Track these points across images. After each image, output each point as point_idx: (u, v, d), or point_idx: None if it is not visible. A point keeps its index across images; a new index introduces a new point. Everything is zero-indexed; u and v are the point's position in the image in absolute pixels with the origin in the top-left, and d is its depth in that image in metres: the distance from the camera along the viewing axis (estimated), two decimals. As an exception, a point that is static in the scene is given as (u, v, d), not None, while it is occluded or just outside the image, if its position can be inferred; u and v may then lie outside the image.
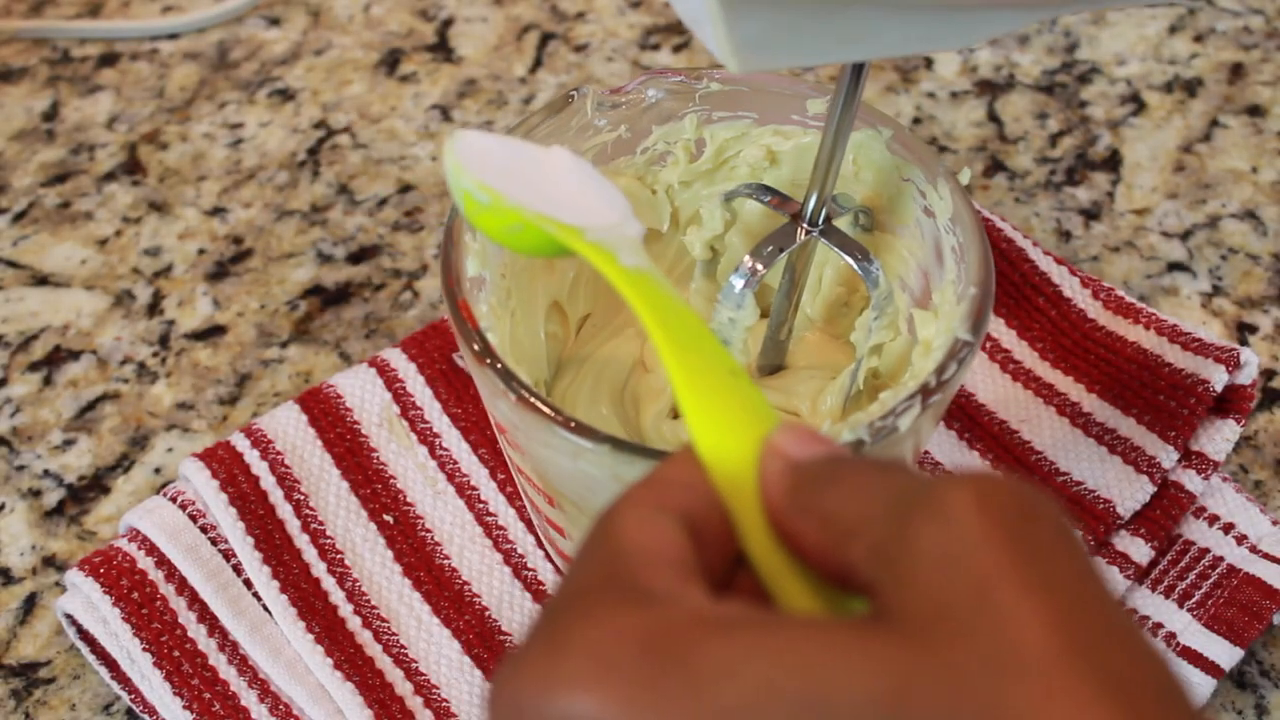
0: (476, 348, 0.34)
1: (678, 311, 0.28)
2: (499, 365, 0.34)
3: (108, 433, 0.49)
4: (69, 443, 0.49)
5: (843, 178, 0.42)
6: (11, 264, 0.56)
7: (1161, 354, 0.46)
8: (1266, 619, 0.42)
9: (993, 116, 0.61)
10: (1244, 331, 0.52)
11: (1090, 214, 0.57)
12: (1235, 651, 0.42)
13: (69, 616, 0.42)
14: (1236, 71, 0.63)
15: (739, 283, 0.39)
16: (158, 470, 0.48)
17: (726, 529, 0.25)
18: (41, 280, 0.55)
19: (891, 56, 0.28)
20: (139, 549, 0.42)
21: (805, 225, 0.39)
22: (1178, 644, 0.42)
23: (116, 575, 0.41)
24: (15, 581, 0.45)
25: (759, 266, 0.38)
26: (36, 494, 0.48)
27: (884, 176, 0.41)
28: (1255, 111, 0.61)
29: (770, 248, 0.39)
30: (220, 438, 0.49)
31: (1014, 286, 0.49)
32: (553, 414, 0.33)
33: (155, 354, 0.52)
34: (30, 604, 0.45)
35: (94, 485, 0.48)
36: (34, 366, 0.52)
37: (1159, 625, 0.43)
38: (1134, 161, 0.59)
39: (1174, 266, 0.54)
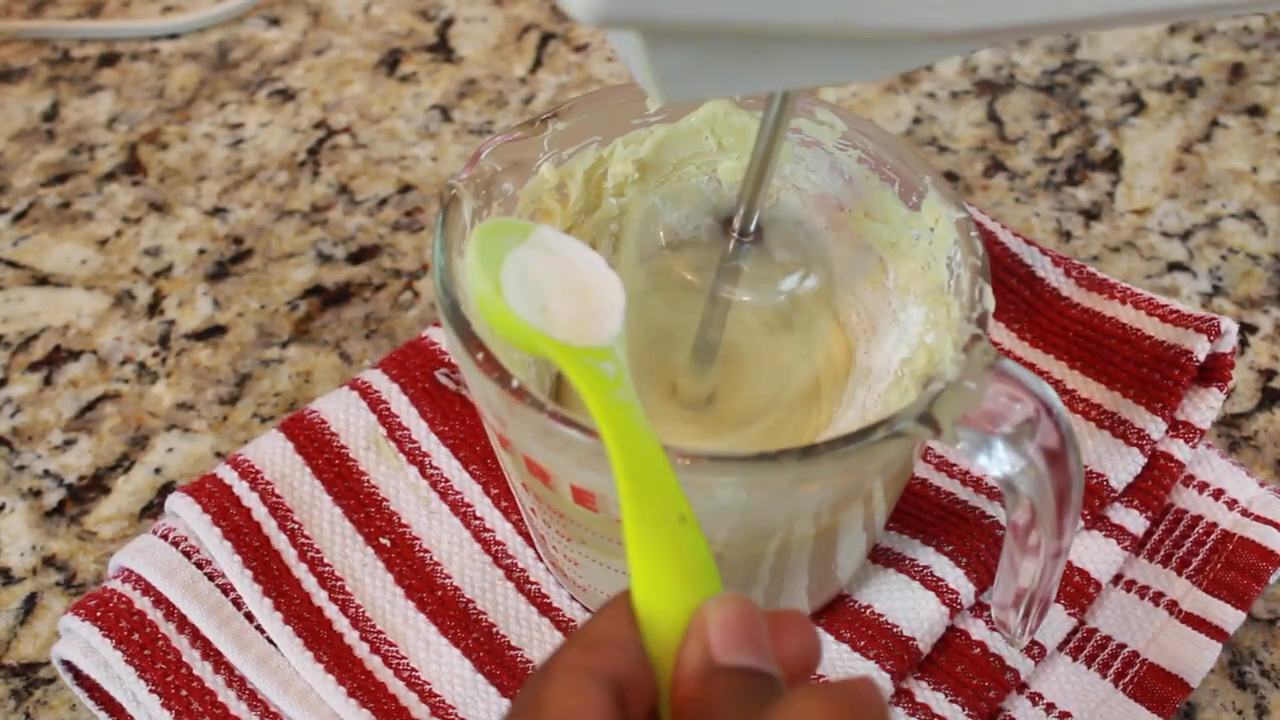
0: (526, 403, 0.33)
1: (646, 449, 0.29)
2: (552, 411, 0.33)
3: (108, 433, 0.49)
4: (69, 443, 0.49)
5: (706, 154, 0.43)
6: (11, 264, 0.56)
7: (1141, 327, 0.46)
8: (1265, 579, 0.43)
9: (993, 116, 0.61)
10: (1244, 331, 0.52)
11: (1090, 214, 0.57)
12: (1238, 614, 0.42)
13: (66, 663, 0.41)
14: (1236, 71, 0.63)
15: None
16: (158, 470, 0.48)
17: (653, 685, 0.27)
18: (41, 280, 0.55)
19: (811, 86, 0.30)
20: (135, 589, 0.41)
21: (737, 236, 0.39)
22: (1180, 611, 0.43)
23: (115, 618, 0.40)
24: (15, 581, 0.45)
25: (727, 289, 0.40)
26: (36, 494, 0.48)
27: (747, 135, 0.42)
28: (1255, 111, 0.61)
29: (725, 266, 0.39)
30: (220, 438, 0.49)
31: None
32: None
33: (155, 354, 0.52)
34: (30, 604, 0.45)
35: (94, 485, 0.48)
36: (34, 366, 0.52)
37: (1160, 594, 0.43)
38: (1134, 161, 0.59)
39: (1174, 266, 0.54)
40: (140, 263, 0.56)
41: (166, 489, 0.48)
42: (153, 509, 0.47)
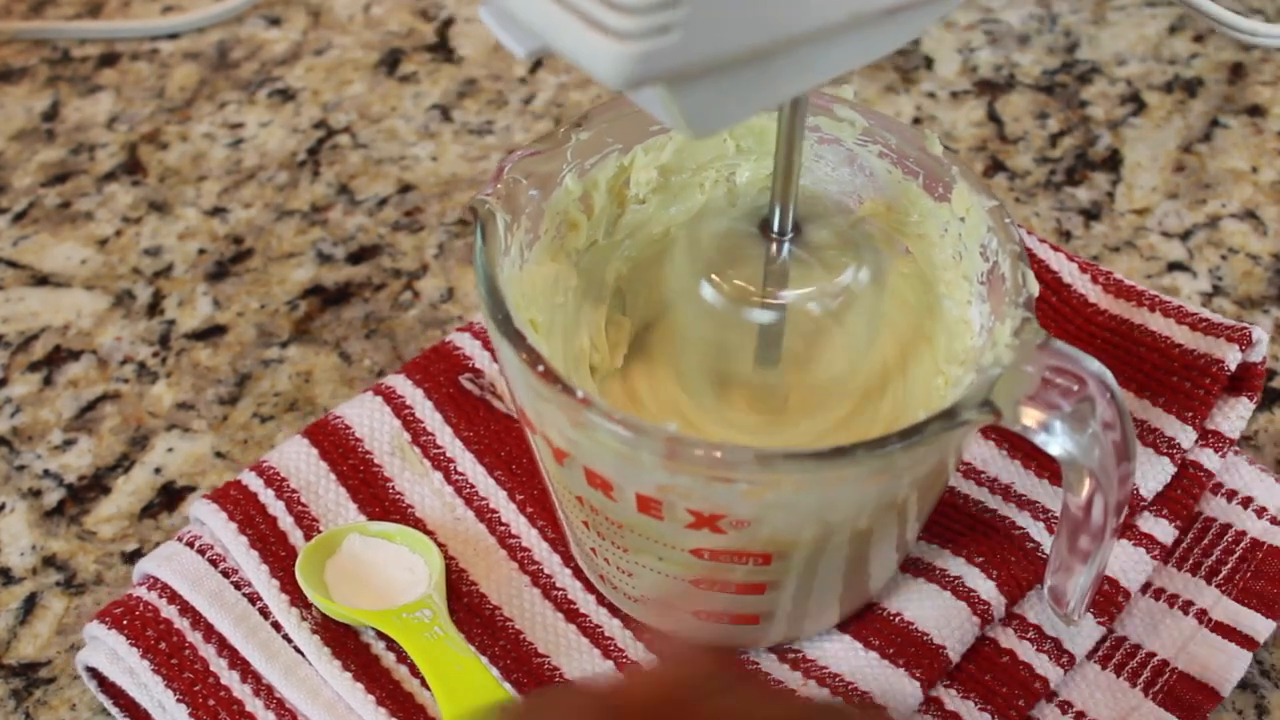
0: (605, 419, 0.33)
1: (463, 664, 0.40)
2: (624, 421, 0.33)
3: (108, 433, 0.49)
4: (69, 443, 0.49)
5: (725, 158, 0.43)
6: (11, 264, 0.56)
7: (1170, 335, 0.46)
8: None
9: (993, 116, 0.61)
10: (1244, 331, 0.52)
11: (1090, 214, 0.57)
12: (1268, 623, 0.42)
13: (91, 670, 0.41)
14: (1236, 71, 0.63)
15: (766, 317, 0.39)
16: (158, 470, 0.48)
17: None
18: (41, 280, 0.55)
19: (823, 82, 0.32)
20: (160, 597, 0.41)
21: (775, 235, 0.39)
22: (1210, 620, 0.42)
23: (141, 626, 0.40)
24: (15, 581, 0.45)
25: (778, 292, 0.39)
26: (36, 494, 0.48)
27: (765, 137, 0.42)
28: (1255, 111, 0.61)
29: (769, 269, 0.39)
30: (220, 438, 0.49)
31: None
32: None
33: (155, 354, 0.52)
34: (30, 604, 0.45)
35: (94, 485, 0.48)
36: (34, 366, 0.52)
37: (1190, 603, 0.43)
38: (1134, 161, 0.59)
39: (1174, 266, 0.54)
40: (140, 263, 0.56)
41: (167, 489, 0.48)
42: (153, 509, 0.47)
